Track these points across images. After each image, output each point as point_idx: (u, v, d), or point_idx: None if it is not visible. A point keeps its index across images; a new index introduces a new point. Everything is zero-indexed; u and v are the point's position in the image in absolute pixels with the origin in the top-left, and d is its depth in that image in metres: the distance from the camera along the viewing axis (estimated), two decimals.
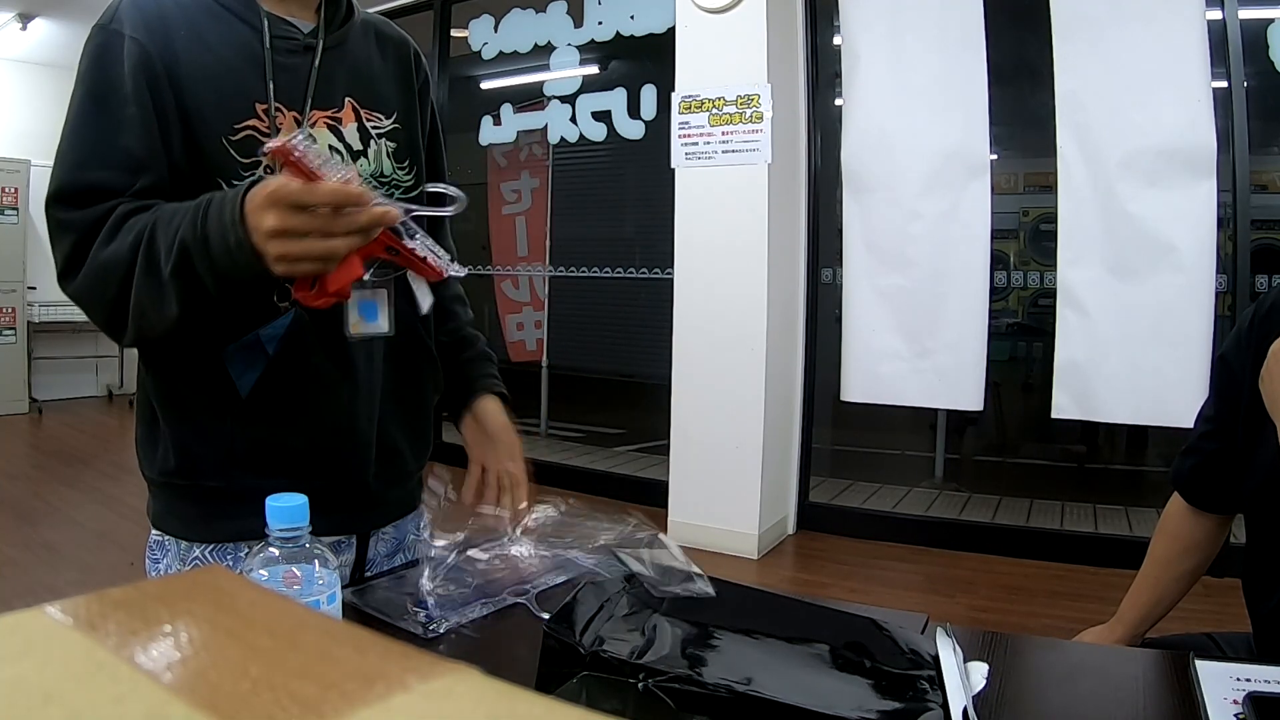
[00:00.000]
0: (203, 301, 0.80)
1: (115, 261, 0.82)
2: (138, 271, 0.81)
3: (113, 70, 0.86)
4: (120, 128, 0.86)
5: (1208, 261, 2.82)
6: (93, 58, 0.88)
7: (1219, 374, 1.15)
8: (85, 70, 0.88)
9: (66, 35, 5.74)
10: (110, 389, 6.72)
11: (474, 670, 0.22)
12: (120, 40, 0.87)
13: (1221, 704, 0.73)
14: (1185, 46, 2.79)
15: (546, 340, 5.33)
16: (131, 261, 0.81)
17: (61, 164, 0.86)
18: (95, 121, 0.86)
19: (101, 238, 0.84)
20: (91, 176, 0.85)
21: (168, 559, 0.97)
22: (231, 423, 0.91)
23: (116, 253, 0.82)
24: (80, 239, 0.84)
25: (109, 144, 0.86)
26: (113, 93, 0.86)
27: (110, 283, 0.83)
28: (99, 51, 0.88)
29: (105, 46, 0.88)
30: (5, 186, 5.88)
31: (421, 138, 1.08)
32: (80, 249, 0.84)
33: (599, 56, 4.24)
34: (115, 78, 0.86)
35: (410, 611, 0.89)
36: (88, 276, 0.84)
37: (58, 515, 3.67)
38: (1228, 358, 1.13)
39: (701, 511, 3.44)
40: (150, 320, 0.82)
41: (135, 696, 0.20)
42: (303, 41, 0.95)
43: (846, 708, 0.64)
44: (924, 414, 4.36)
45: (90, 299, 0.85)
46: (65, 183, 0.85)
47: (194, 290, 0.79)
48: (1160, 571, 1.21)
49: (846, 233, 3.42)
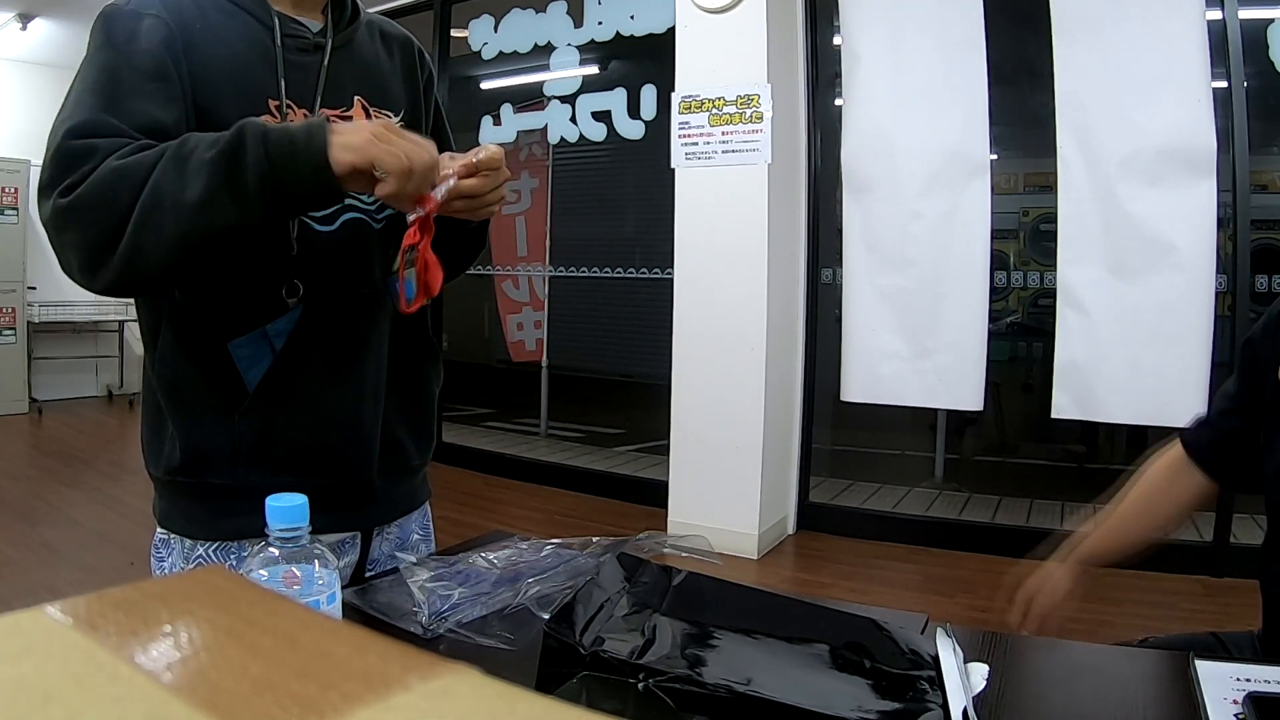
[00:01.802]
0: (235, 194, 0.75)
1: (137, 164, 0.76)
2: (165, 161, 0.76)
3: (135, 41, 0.84)
4: (143, 96, 0.83)
5: (1208, 261, 2.82)
6: (108, 32, 0.85)
7: (1245, 356, 1.15)
8: (102, 43, 0.85)
9: (66, 35, 5.75)
10: (110, 389, 6.72)
11: (474, 670, 0.22)
12: (141, 19, 0.85)
13: (1221, 704, 0.73)
14: (1185, 46, 2.79)
15: (546, 340, 5.34)
16: (156, 161, 0.76)
17: (80, 103, 0.81)
18: (119, 82, 0.82)
19: (121, 153, 0.78)
20: (112, 122, 0.80)
21: (173, 557, 0.97)
22: (238, 418, 0.92)
23: (140, 160, 0.77)
24: (99, 159, 0.77)
25: (132, 107, 0.82)
26: (140, 59, 0.83)
27: (124, 185, 0.76)
28: (118, 24, 0.85)
29: (126, 18, 0.85)
30: (5, 186, 5.89)
31: (425, 134, 1.08)
32: (94, 166, 0.77)
33: (599, 56, 4.24)
34: (139, 48, 0.84)
35: (410, 611, 0.89)
36: (97, 181, 0.76)
37: (58, 515, 3.67)
38: (1255, 341, 1.13)
39: (701, 511, 3.44)
40: (160, 215, 0.75)
41: (135, 696, 0.20)
42: (312, 40, 0.96)
43: (846, 708, 0.64)
44: (924, 414, 4.36)
45: (92, 204, 0.76)
46: (85, 119, 0.79)
47: (232, 177, 0.75)
48: (1128, 508, 1.20)
49: (846, 233, 3.42)
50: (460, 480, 4.41)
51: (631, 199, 5.15)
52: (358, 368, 0.97)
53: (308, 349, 0.93)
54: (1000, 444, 5.03)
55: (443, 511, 2.04)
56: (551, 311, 5.32)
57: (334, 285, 0.94)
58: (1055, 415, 3.08)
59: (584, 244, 5.19)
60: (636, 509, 3.86)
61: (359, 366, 0.97)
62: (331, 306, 0.95)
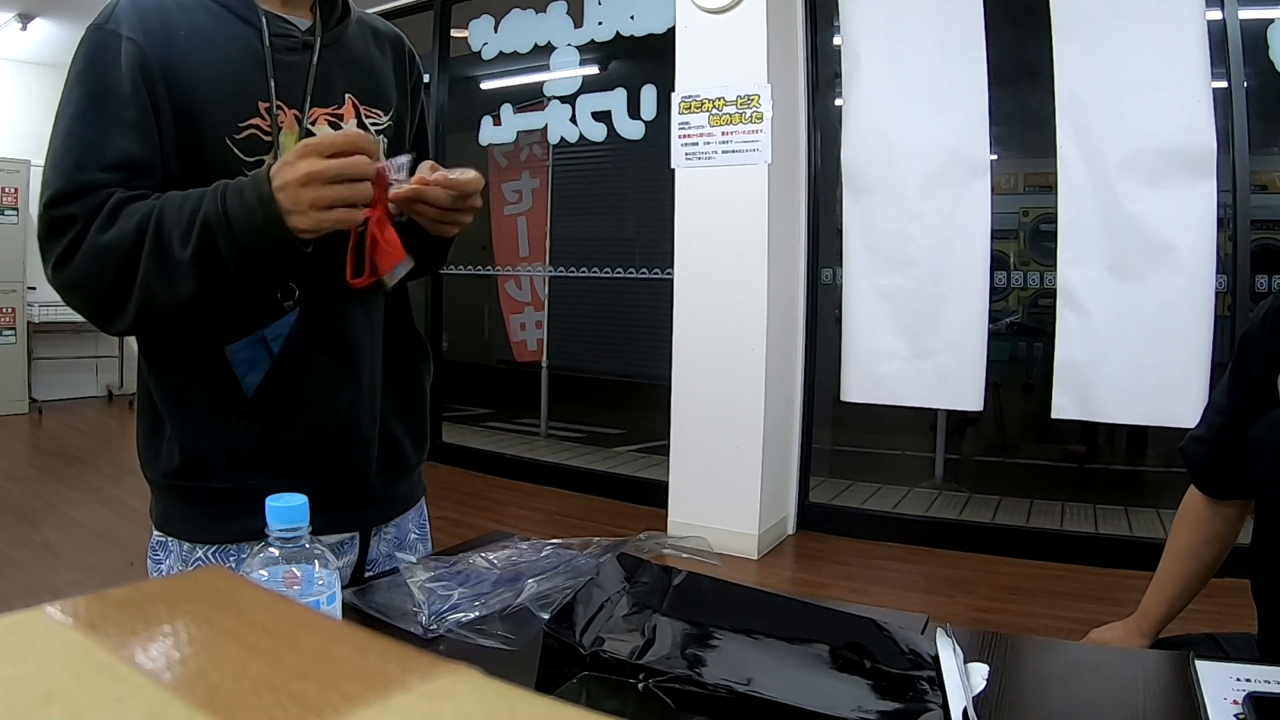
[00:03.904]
0: (221, 281, 0.82)
1: (117, 243, 0.82)
2: (146, 254, 0.82)
3: (109, 71, 0.86)
4: (118, 130, 0.85)
5: (1208, 261, 2.82)
6: (88, 58, 0.87)
7: (1239, 350, 1.15)
8: (80, 71, 0.87)
9: (66, 35, 5.75)
10: (110, 389, 6.72)
11: (474, 670, 0.22)
12: (117, 41, 0.86)
13: (1221, 704, 0.73)
14: (1185, 46, 2.79)
15: (546, 340, 5.34)
16: (136, 244, 0.82)
17: (56, 166, 0.85)
18: (92, 123, 0.85)
19: (99, 224, 0.83)
20: (88, 178, 0.84)
21: (170, 560, 0.97)
22: (237, 422, 0.91)
23: (119, 236, 0.82)
24: (80, 229, 0.84)
25: (106, 146, 0.85)
26: (111, 94, 0.85)
27: (109, 265, 0.82)
28: (95, 52, 0.87)
29: (101, 47, 0.87)
30: (5, 186, 5.89)
31: (409, 135, 1.08)
32: (78, 238, 0.84)
33: (599, 57, 4.24)
34: (113, 79, 0.85)
35: (410, 611, 0.89)
36: (84, 261, 0.83)
37: (58, 515, 3.67)
38: (1250, 337, 1.13)
39: (701, 511, 3.44)
40: (159, 302, 0.83)
41: (135, 696, 0.20)
42: (301, 39, 0.95)
43: (846, 708, 0.64)
44: (924, 414, 4.36)
45: (85, 283, 0.84)
46: (61, 186, 0.84)
47: (214, 270, 0.81)
48: (1182, 564, 1.21)
49: (846, 233, 3.42)
50: (460, 480, 4.41)
51: (631, 199, 5.15)
52: (355, 368, 0.97)
53: (306, 351, 0.93)
54: (1000, 444, 5.03)
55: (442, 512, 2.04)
56: (551, 312, 5.32)
57: (328, 286, 0.94)
58: (1055, 415, 3.08)
59: (584, 244, 5.18)
60: (636, 509, 3.86)
61: (356, 367, 0.97)
62: (327, 308, 0.95)
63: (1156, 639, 1.19)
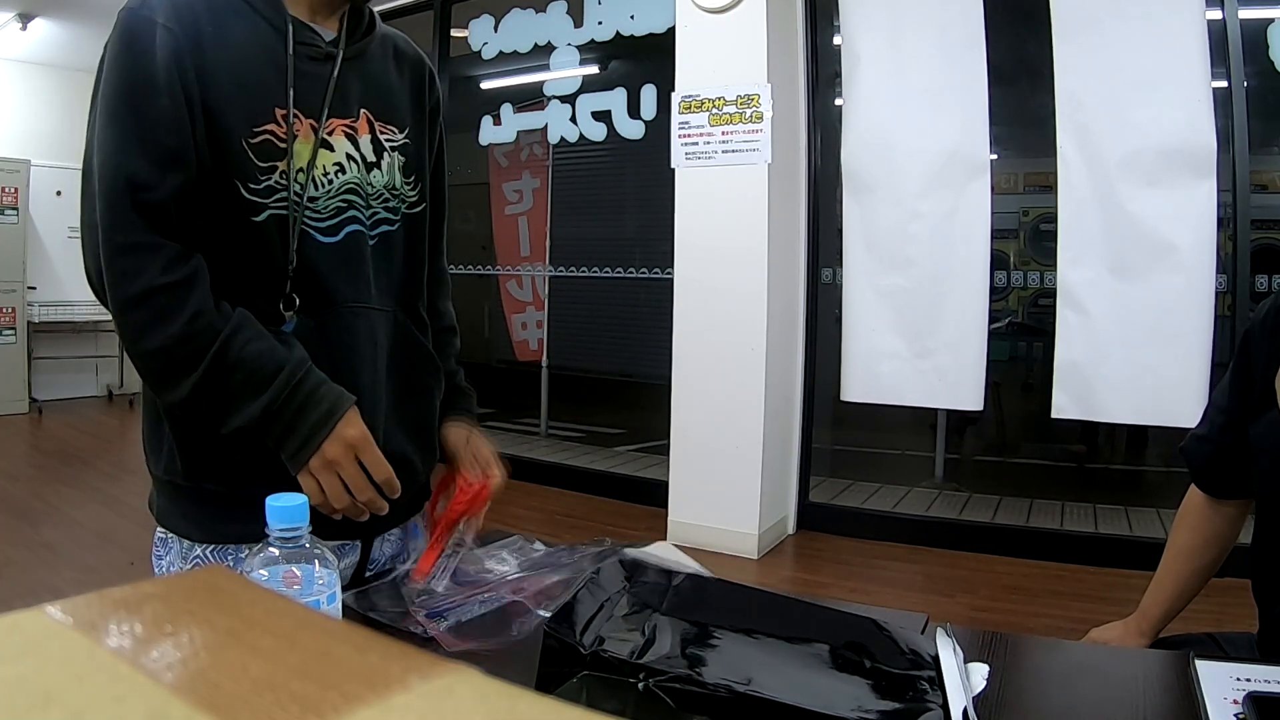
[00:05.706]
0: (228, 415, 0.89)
1: (187, 357, 0.86)
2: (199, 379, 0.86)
3: (145, 59, 0.85)
4: (155, 119, 0.85)
5: (1208, 261, 2.82)
6: (124, 44, 0.86)
7: (1240, 349, 1.15)
8: (116, 56, 0.86)
9: (66, 35, 5.75)
10: (110, 389, 6.72)
11: (474, 670, 0.22)
12: (152, 27, 0.86)
13: (1221, 704, 0.73)
14: (1185, 46, 2.79)
15: (546, 340, 5.33)
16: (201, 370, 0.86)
17: (100, 151, 0.86)
18: (131, 109, 0.85)
19: (179, 301, 0.85)
20: (129, 166, 0.84)
21: (170, 556, 0.97)
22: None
23: (192, 351, 0.86)
24: (141, 263, 0.85)
25: (144, 136, 0.85)
26: (147, 82, 0.85)
27: (174, 367, 0.87)
28: (130, 38, 0.86)
29: (136, 33, 0.86)
30: (5, 186, 5.88)
31: (429, 157, 1.08)
32: (142, 280, 0.85)
33: (599, 56, 4.24)
34: (148, 66, 0.85)
35: (410, 612, 0.89)
36: (160, 356, 0.86)
37: (58, 515, 3.67)
38: (1252, 336, 1.13)
39: (701, 511, 3.44)
40: (169, 388, 0.88)
41: (135, 696, 0.20)
42: (324, 50, 0.95)
43: (846, 708, 0.64)
44: (924, 414, 4.36)
45: (157, 374, 0.89)
46: (110, 176, 0.85)
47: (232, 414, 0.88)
48: (1182, 564, 1.20)
49: (846, 233, 3.42)
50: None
51: (631, 199, 5.14)
52: (355, 380, 0.95)
53: None
54: (1000, 444, 5.03)
55: None
56: (552, 311, 5.32)
57: (330, 299, 0.94)
58: (1055, 415, 3.08)
59: (584, 244, 5.18)
60: (637, 509, 3.86)
61: (356, 379, 0.96)
62: (328, 320, 0.94)
63: (1156, 639, 1.19)
